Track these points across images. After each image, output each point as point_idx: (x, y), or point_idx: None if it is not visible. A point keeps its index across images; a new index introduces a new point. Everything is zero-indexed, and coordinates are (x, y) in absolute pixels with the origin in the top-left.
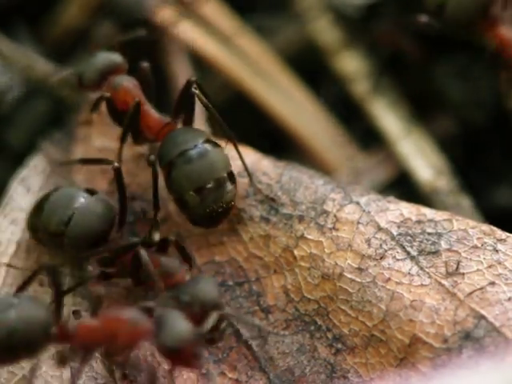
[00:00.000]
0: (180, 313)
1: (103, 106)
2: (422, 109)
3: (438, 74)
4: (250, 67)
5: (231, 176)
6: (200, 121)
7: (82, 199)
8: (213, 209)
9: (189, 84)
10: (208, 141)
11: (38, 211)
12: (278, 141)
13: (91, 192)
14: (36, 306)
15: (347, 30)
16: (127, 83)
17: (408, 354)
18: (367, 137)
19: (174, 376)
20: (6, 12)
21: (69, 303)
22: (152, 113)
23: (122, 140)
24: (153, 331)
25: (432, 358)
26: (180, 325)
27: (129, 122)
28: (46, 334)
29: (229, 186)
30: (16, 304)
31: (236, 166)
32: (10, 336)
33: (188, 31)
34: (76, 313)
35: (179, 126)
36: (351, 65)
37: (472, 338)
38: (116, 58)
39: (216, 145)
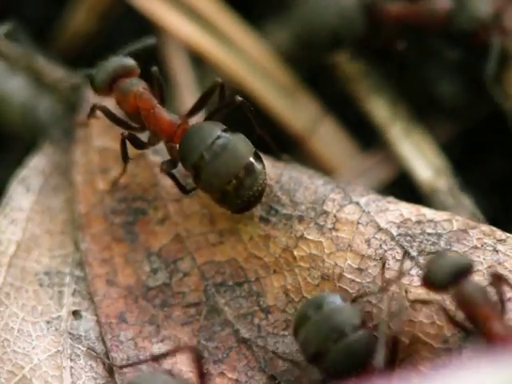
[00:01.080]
0: None
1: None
2: (422, 109)
3: (431, 73)
4: (249, 67)
5: (257, 157)
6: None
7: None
8: (250, 194)
9: (222, 88)
10: (226, 130)
11: None
12: (277, 141)
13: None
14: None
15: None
16: (136, 88)
17: (408, 354)
18: (367, 137)
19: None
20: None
21: (69, 303)
22: (164, 115)
23: (124, 161)
24: None
25: (432, 358)
26: None
27: (124, 154)
28: None
29: (258, 168)
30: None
31: None
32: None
33: (188, 32)
34: (76, 313)
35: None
36: (351, 65)
37: (472, 338)
38: (128, 61)
39: (234, 132)
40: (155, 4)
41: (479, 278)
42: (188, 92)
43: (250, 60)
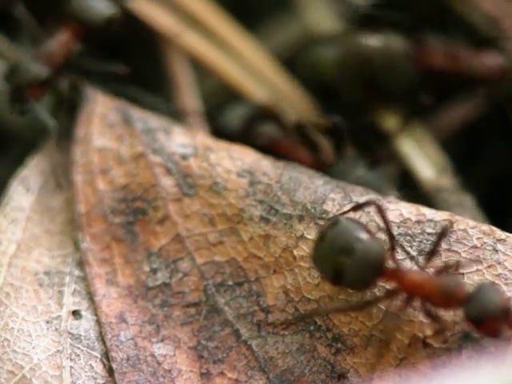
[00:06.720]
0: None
1: (101, 105)
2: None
3: None
4: (248, 68)
5: None
6: None
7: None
8: None
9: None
10: None
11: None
12: None
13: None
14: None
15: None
16: None
17: (408, 354)
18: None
19: (173, 376)
20: (6, 11)
21: (69, 303)
22: None
23: None
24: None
25: (432, 358)
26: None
27: None
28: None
29: None
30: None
31: (235, 167)
32: None
33: (186, 34)
34: (76, 313)
35: None
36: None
37: (472, 338)
38: None
39: None
40: (152, 9)
41: (479, 277)
42: (188, 93)
43: (246, 64)
